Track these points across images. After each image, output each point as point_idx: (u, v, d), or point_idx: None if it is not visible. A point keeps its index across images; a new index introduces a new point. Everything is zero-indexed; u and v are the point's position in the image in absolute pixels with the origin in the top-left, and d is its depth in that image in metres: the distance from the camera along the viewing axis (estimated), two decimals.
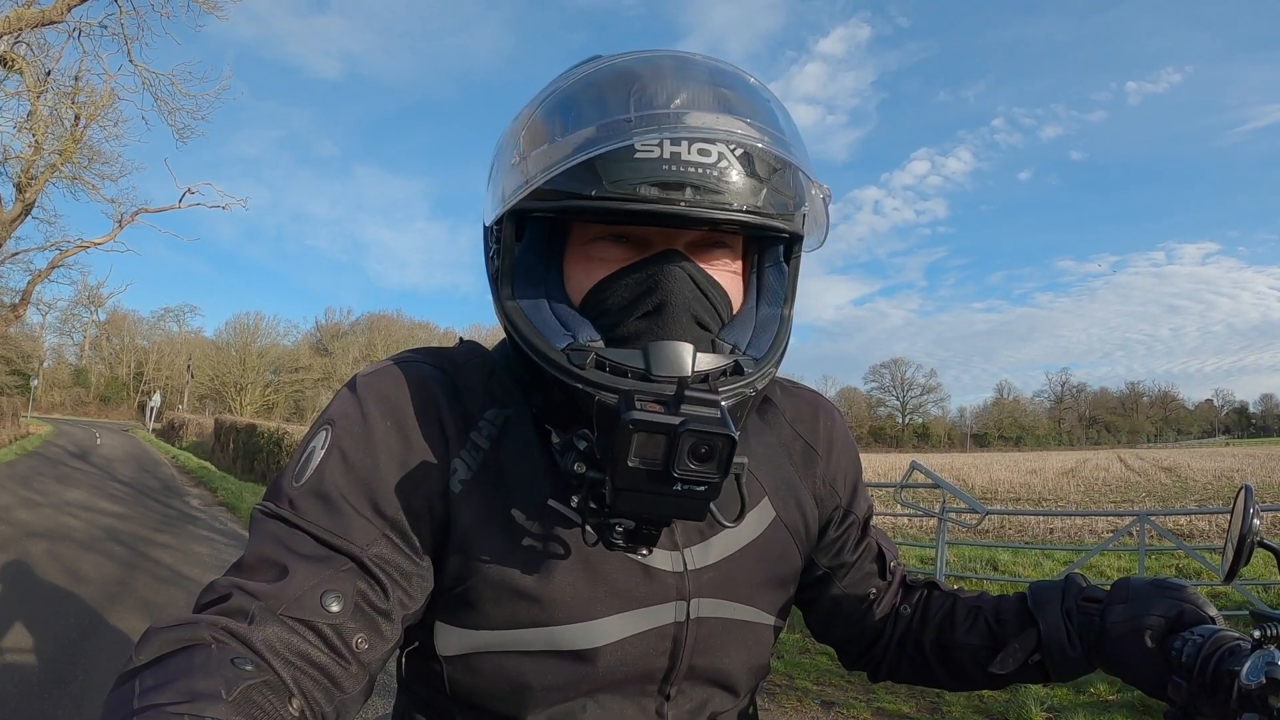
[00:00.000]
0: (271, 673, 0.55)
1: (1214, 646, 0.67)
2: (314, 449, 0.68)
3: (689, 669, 0.73)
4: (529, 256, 0.70)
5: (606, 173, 0.61)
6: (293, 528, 0.64)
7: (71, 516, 8.88)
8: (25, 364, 46.41)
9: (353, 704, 0.62)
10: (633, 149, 0.61)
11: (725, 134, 0.62)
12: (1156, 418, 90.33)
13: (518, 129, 0.69)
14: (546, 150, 0.64)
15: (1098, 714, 3.93)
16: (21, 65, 15.18)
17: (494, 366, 0.75)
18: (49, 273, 20.30)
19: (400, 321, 68.49)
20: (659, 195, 0.61)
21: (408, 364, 0.73)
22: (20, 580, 5.71)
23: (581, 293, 0.68)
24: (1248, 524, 0.69)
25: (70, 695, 3.58)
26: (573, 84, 0.67)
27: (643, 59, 0.68)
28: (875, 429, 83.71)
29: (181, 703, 0.47)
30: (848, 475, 0.88)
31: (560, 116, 0.65)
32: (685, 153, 0.61)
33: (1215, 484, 17.77)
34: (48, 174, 17.42)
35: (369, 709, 3.54)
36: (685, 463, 0.55)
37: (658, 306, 0.65)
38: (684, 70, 0.67)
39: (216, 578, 0.63)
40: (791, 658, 4.86)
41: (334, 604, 0.61)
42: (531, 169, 0.64)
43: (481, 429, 0.71)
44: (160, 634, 0.54)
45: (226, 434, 21.74)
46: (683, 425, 0.54)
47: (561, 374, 0.63)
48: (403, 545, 0.66)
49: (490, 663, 0.69)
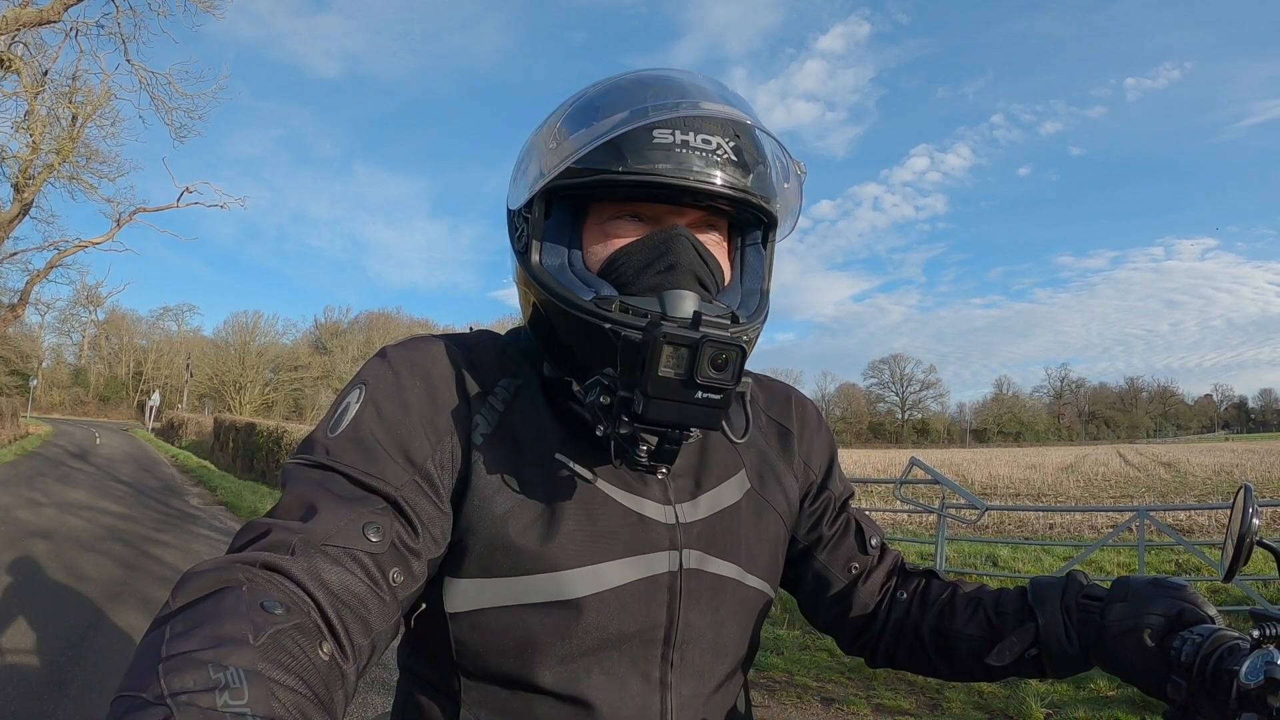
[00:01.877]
0: (305, 613, 0.56)
1: (1213, 646, 0.67)
2: (348, 404, 0.74)
3: (686, 627, 0.77)
4: (554, 231, 0.79)
5: (630, 153, 0.73)
6: (329, 471, 0.69)
7: (72, 516, 8.89)
8: (24, 364, 46.46)
9: (383, 640, 0.65)
10: (651, 135, 0.73)
11: (724, 114, 0.75)
12: (1156, 413, 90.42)
13: (544, 130, 0.80)
14: (578, 136, 0.75)
15: (1098, 710, 3.94)
16: (18, 65, 15.16)
17: (505, 345, 0.84)
18: (47, 273, 20.31)
19: (399, 319, 68.53)
20: (673, 170, 0.73)
21: (430, 338, 0.82)
22: (21, 580, 5.71)
23: (599, 262, 0.78)
24: (1247, 523, 0.70)
25: (71, 695, 3.58)
26: (594, 92, 0.80)
27: (653, 73, 0.81)
28: (875, 425, 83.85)
29: (208, 649, 0.48)
30: (821, 454, 0.95)
31: (586, 115, 0.77)
32: (693, 140, 0.74)
33: (1215, 479, 17.77)
34: (45, 174, 17.41)
35: (369, 709, 3.55)
36: (706, 370, 0.65)
37: (669, 266, 0.75)
38: (688, 79, 0.80)
39: (253, 519, 0.65)
40: (791, 654, 4.87)
41: (374, 535, 0.65)
42: (568, 149, 0.75)
43: (497, 394, 0.79)
44: (195, 578, 0.55)
45: (226, 433, 21.73)
46: (704, 338, 0.64)
47: (592, 317, 0.72)
48: (430, 492, 0.71)
49: (496, 618, 0.72)
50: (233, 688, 0.47)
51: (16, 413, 24.99)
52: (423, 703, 0.78)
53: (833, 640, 1.01)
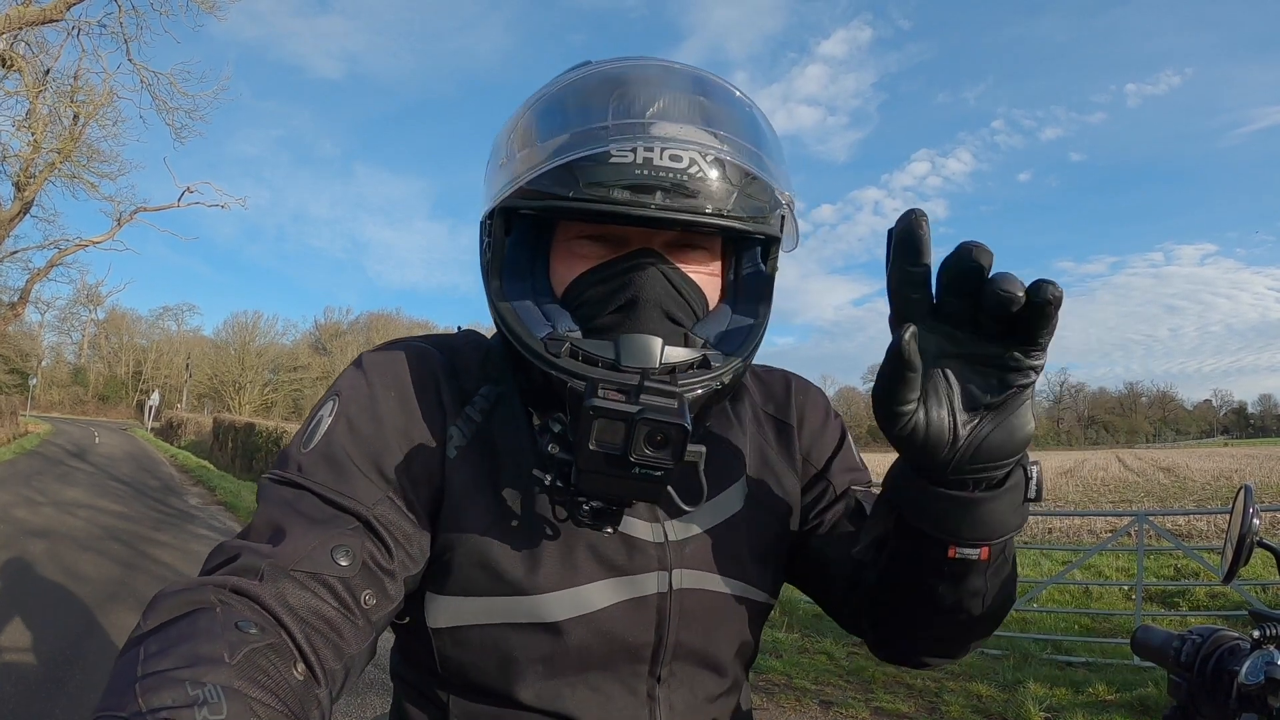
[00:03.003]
0: (277, 634, 0.55)
1: (1213, 646, 0.67)
2: (321, 418, 0.71)
3: (676, 645, 0.74)
4: (517, 250, 0.75)
5: (583, 175, 0.66)
6: (300, 490, 0.66)
7: (71, 515, 8.87)
8: (24, 363, 46.42)
9: (358, 663, 0.63)
10: (608, 153, 0.65)
11: (695, 145, 0.66)
12: (1155, 418, 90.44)
13: (508, 130, 0.74)
14: (530, 152, 0.68)
15: (1096, 714, 3.94)
16: (20, 64, 15.16)
17: (489, 349, 0.79)
18: (48, 271, 20.29)
19: (399, 320, 68.43)
20: (630, 199, 0.65)
21: (409, 344, 0.78)
22: (20, 579, 5.70)
23: (563, 285, 0.73)
24: (1247, 524, 0.69)
25: (69, 694, 3.58)
26: (558, 90, 0.72)
27: (626, 67, 0.72)
28: (874, 429, 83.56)
29: (184, 668, 0.48)
30: (825, 444, 0.88)
31: (545, 121, 0.70)
32: (657, 158, 0.65)
33: (1214, 484, 17.76)
34: (46, 172, 17.39)
35: (368, 709, 3.55)
36: (641, 449, 0.59)
37: (630, 302, 0.69)
38: (664, 79, 0.71)
39: (224, 540, 0.64)
40: (790, 657, 4.86)
41: (343, 559, 0.62)
42: (518, 169, 0.69)
43: (475, 403, 0.75)
44: (167, 599, 0.55)
45: (225, 433, 21.72)
46: (639, 414, 0.58)
47: (538, 361, 0.67)
48: (404, 508, 0.69)
49: (478, 635, 0.71)
50: (211, 703, 0.46)
51: (15, 411, 24.97)
52: (412, 712, 0.77)
53: (831, 643, 0.98)
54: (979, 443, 0.58)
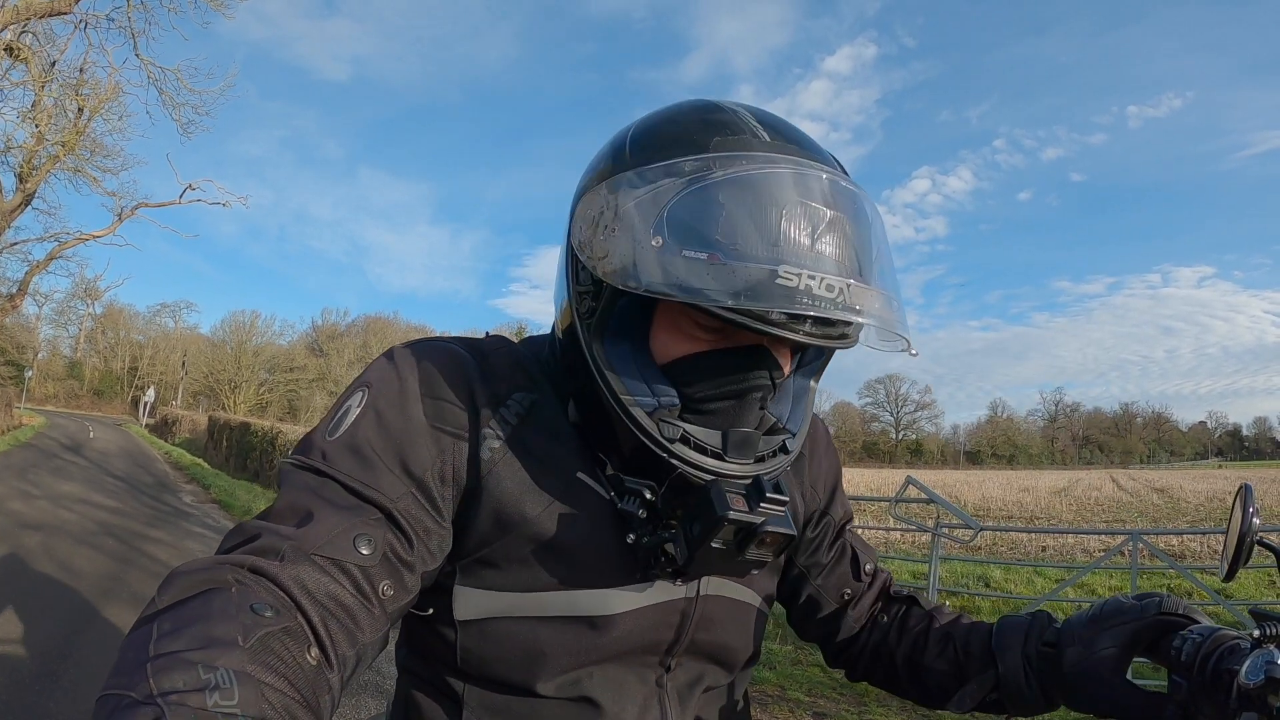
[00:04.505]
0: (293, 617, 0.56)
1: (1213, 645, 0.68)
2: (349, 407, 0.71)
3: (691, 642, 0.78)
4: (623, 311, 0.69)
5: (745, 290, 0.60)
6: (324, 477, 0.66)
7: (66, 510, 8.82)
8: (20, 355, 46.20)
9: (370, 651, 0.64)
10: (775, 273, 0.59)
11: (857, 306, 0.62)
12: (1149, 439, 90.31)
13: (659, 198, 0.63)
14: (694, 265, 0.60)
15: None
16: (27, 55, 15.16)
17: (521, 357, 0.79)
18: (47, 264, 20.26)
19: (397, 324, 68.30)
20: (785, 322, 0.61)
21: (442, 342, 0.78)
22: (13, 573, 5.67)
23: (668, 357, 0.69)
24: (1248, 522, 0.70)
25: (63, 688, 3.56)
26: (723, 180, 0.62)
27: (790, 176, 0.64)
28: (869, 444, 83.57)
29: (197, 649, 0.48)
30: (827, 479, 0.94)
31: (708, 224, 0.61)
32: (817, 287, 0.60)
33: (1208, 505, 17.73)
34: (49, 165, 17.38)
35: (363, 710, 3.53)
36: (754, 550, 0.67)
37: (739, 394, 0.69)
38: (829, 205, 0.64)
39: (244, 520, 0.64)
40: (784, 669, 4.85)
41: (365, 547, 0.63)
42: (677, 272, 0.61)
43: (510, 406, 0.74)
44: (182, 576, 0.54)
45: (220, 431, 21.60)
46: (764, 525, 0.65)
47: (651, 443, 0.67)
48: (427, 505, 0.69)
49: (506, 628, 0.72)
50: (223, 688, 0.46)
51: (11, 403, 24.83)
52: (423, 703, 0.77)
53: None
54: None
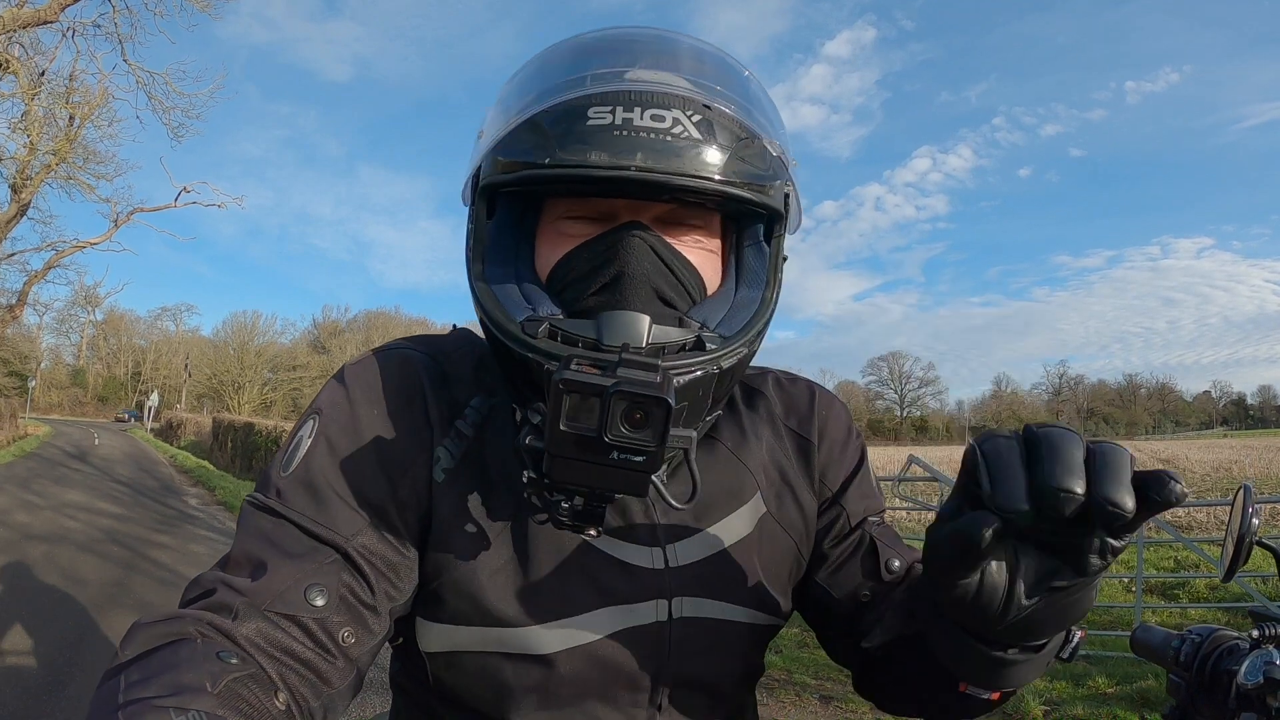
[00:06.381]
0: (257, 667, 0.55)
1: (1212, 646, 0.67)
2: (301, 438, 0.68)
3: (676, 675, 0.71)
4: (501, 234, 0.70)
5: (559, 141, 0.61)
6: (279, 519, 0.64)
7: (70, 518, 8.86)
8: (23, 365, 46.40)
9: (341, 699, 0.62)
10: (585, 116, 0.60)
11: (678, 101, 0.61)
12: (1154, 409, 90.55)
13: (496, 102, 0.71)
14: (505, 122, 0.65)
15: (1096, 707, 3.94)
16: (15, 66, 15.13)
17: (483, 355, 0.74)
18: (45, 273, 20.33)
19: (398, 318, 68.50)
20: (609, 161, 0.60)
21: (396, 351, 0.73)
22: (19, 582, 5.70)
23: (547, 268, 0.68)
24: (1246, 524, 0.69)
25: (69, 697, 3.58)
26: (539, 59, 0.69)
27: (614, 33, 0.69)
28: (874, 422, 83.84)
29: (167, 696, 0.47)
30: (841, 466, 0.82)
31: (522, 89, 0.67)
32: (638, 119, 0.60)
33: (1213, 475, 17.78)
34: (43, 174, 17.41)
35: (368, 708, 3.54)
36: (618, 427, 0.52)
37: (615, 278, 0.63)
38: (652, 42, 0.68)
39: (202, 572, 0.63)
40: (790, 652, 4.87)
41: (318, 598, 0.60)
42: (491, 139, 0.66)
43: (467, 416, 0.70)
44: (145, 629, 0.54)
45: (224, 433, 21.73)
46: (614, 386, 0.51)
47: (514, 343, 0.62)
48: (389, 535, 0.65)
49: (472, 662, 0.68)
50: None
51: (15, 414, 24.95)
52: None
53: None
54: (1032, 617, 0.53)
